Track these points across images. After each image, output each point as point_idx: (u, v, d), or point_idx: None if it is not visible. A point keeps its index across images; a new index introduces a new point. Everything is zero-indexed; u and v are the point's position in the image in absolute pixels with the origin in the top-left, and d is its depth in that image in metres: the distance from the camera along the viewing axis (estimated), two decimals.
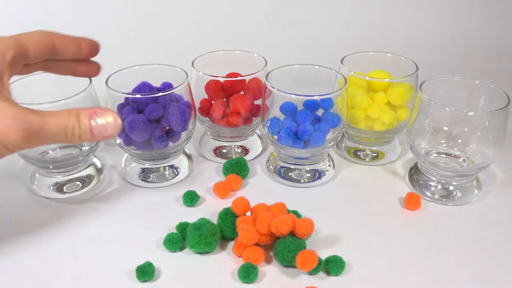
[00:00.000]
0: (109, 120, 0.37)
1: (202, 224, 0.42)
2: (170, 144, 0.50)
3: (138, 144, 0.49)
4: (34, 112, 0.35)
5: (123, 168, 0.54)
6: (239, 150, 0.58)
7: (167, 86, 0.50)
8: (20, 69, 0.40)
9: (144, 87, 0.48)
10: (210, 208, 0.49)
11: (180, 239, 0.43)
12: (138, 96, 0.47)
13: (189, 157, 0.56)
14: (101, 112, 0.37)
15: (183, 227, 0.44)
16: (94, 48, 0.44)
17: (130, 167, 0.53)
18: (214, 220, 0.45)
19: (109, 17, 0.89)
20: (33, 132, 0.34)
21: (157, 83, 0.51)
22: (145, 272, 0.40)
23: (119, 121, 0.38)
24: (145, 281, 0.40)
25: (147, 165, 0.52)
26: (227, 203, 0.48)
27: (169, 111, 0.48)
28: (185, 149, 0.56)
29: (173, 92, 0.48)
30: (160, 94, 0.47)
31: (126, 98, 0.48)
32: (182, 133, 0.51)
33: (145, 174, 0.52)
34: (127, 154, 0.53)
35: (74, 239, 0.45)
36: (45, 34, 0.41)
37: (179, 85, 0.49)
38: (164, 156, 0.52)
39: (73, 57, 0.44)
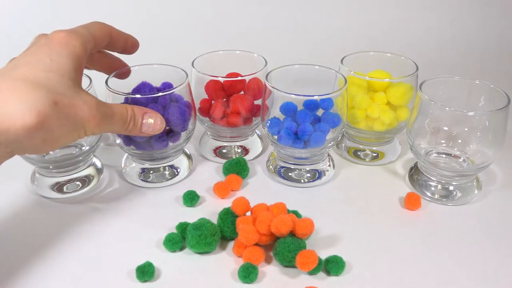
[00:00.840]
0: (157, 121, 0.44)
1: (202, 224, 0.42)
2: (170, 144, 0.50)
3: (138, 144, 0.49)
4: (105, 104, 0.40)
5: (123, 168, 0.54)
6: (239, 150, 0.58)
7: (167, 86, 0.50)
8: None
9: (144, 87, 0.48)
10: (210, 208, 0.49)
11: (180, 239, 0.43)
12: (138, 96, 0.47)
13: (189, 157, 0.56)
14: (151, 113, 0.44)
15: (183, 227, 0.44)
16: (136, 45, 0.49)
17: (130, 167, 0.53)
18: (214, 220, 0.45)
19: (109, 17, 0.88)
20: (105, 121, 0.40)
21: (157, 83, 0.51)
22: (145, 272, 0.40)
23: (164, 123, 0.45)
24: (145, 281, 0.40)
25: (147, 165, 0.52)
26: (227, 203, 0.48)
27: (169, 111, 0.48)
28: (185, 149, 0.56)
29: (173, 92, 0.48)
30: (160, 94, 0.47)
31: (126, 98, 0.48)
32: (182, 133, 0.51)
33: (145, 174, 0.52)
34: (127, 154, 0.53)
35: (74, 239, 0.45)
36: (105, 25, 0.44)
37: (179, 85, 0.49)
38: (164, 156, 0.52)
39: (120, 50, 0.48)
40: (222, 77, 0.53)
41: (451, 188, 0.50)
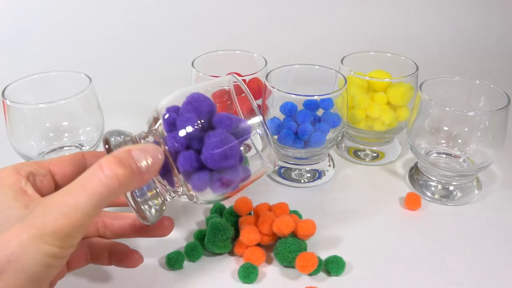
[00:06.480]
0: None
1: (227, 227, 0.42)
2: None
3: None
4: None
5: None
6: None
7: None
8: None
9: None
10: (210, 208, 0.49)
11: (201, 248, 0.43)
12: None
13: None
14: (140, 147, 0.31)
15: (201, 235, 0.44)
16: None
17: None
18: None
19: (109, 18, 0.89)
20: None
21: None
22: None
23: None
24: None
25: None
26: (227, 202, 0.48)
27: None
28: None
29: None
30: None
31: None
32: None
33: None
34: None
35: None
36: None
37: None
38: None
39: None
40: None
41: (451, 188, 0.50)
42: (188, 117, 0.34)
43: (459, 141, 0.50)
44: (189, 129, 0.33)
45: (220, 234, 0.42)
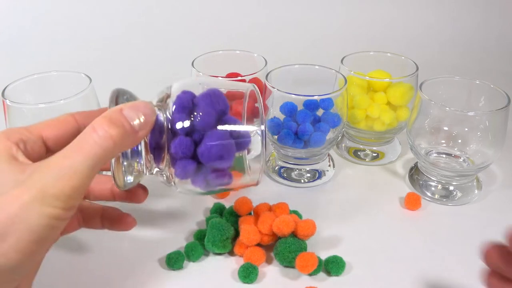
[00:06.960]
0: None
1: (227, 227, 0.42)
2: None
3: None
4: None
5: None
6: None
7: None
8: None
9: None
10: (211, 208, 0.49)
11: (201, 248, 0.43)
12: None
13: None
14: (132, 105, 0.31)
15: (201, 235, 0.44)
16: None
17: None
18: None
19: (109, 18, 0.89)
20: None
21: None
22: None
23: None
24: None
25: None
26: (227, 202, 0.48)
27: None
28: None
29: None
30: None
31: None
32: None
33: None
34: None
35: (81, 236, 0.45)
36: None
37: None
38: None
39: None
40: (222, 77, 0.53)
41: (451, 188, 0.50)
42: (209, 111, 0.34)
43: (459, 141, 0.50)
44: (202, 121, 0.34)
45: (220, 234, 0.42)
